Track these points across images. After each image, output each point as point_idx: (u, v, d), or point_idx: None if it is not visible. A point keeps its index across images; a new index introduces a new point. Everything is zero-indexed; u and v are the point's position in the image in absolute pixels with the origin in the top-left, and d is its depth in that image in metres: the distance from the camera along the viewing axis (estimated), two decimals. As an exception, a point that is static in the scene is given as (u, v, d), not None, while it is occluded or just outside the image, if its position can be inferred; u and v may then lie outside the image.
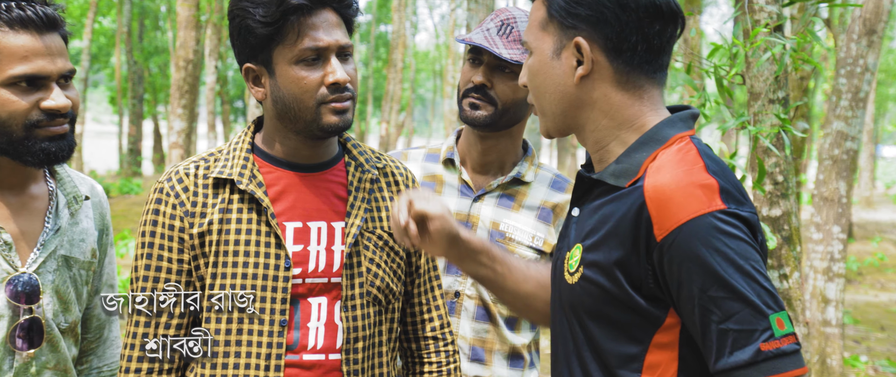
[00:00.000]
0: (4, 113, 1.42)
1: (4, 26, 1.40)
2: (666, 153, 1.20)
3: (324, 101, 1.44)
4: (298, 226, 1.50)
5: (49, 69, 1.43)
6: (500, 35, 1.83)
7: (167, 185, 1.49)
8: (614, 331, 1.19)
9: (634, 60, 1.23)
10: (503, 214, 1.92)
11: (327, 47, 1.43)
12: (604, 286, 1.18)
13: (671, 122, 1.25)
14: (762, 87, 2.73)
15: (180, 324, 1.48)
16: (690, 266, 1.11)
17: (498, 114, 1.85)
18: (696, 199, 1.12)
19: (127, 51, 20.51)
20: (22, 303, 1.49)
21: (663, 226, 1.12)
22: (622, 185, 1.21)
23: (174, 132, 9.30)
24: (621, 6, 1.21)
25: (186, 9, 9.06)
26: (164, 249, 1.48)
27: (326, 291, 1.50)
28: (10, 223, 1.50)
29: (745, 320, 1.09)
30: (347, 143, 1.61)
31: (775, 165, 2.80)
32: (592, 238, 1.21)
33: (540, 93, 1.29)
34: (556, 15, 1.24)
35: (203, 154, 1.55)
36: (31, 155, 1.46)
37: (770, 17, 2.66)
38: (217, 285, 1.46)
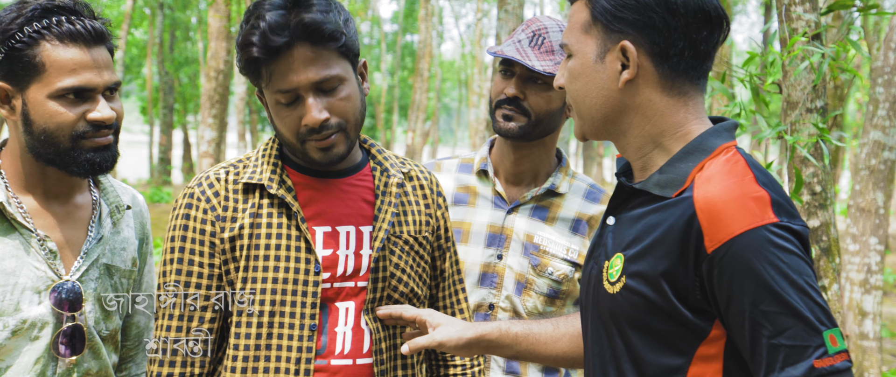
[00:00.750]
0: (53, 124, 1.45)
1: (55, 40, 1.44)
2: (714, 163, 1.18)
3: (305, 139, 1.44)
4: (328, 231, 1.51)
5: (96, 82, 1.46)
6: (532, 46, 1.82)
7: (198, 189, 1.50)
8: (657, 342, 1.17)
9: (680, 66, 1.21)
10: (537, 227, 1.90)
11: (298, 86, 1.40)
12: (648, 296, 1.17)
13: (716, 131, 1.23)
14: (800, 96, 2.69)
15: (211, 329, 1.49)
16: (742, 279, 1.09)
17: (531, 125, 1.84)
18: (749, 212, 1.10)
19: (158, 61, 20.88)
20: (65, 311, 1.51)
21: (715, 238, 1.11)
22: (668, 195, 1.19)
23: (205, 141, 9.42)
24: (670, 11, 1.18)
25: (217, 20, 9.19)
26: (195, 254, 1.48)
27: (354, 295, 1.51)
28: (56, 232, 1.53)
29: (799, 336, 1.07)
30: (372, 148, 1.62)
31: (813, 175, 2.75)
32: (635, 247, 1.19)
33: (580, 96, 1.26)
34: (601, 18, 1.21)
35: (232, 160, 1.57)
36: (76, 165, 1.48)
37: (808, 25, 2.62)
38: (248, 289, 1.47)
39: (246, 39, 1.39)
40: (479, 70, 19.73)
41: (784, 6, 2.68)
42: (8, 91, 1.47)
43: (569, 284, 1.90)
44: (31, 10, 1.43)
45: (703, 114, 1.26)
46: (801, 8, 2.65)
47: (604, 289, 1.24)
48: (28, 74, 1.44)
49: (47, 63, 1.43)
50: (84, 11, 1.49)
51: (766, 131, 2.73)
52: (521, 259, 1.89)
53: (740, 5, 24.48)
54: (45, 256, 1.50)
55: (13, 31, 1.42)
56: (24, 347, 1.47)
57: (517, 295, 1.88)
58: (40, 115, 1.45)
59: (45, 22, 1.43)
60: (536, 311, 1.88)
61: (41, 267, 1.49)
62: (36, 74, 1.44)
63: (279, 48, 1.37)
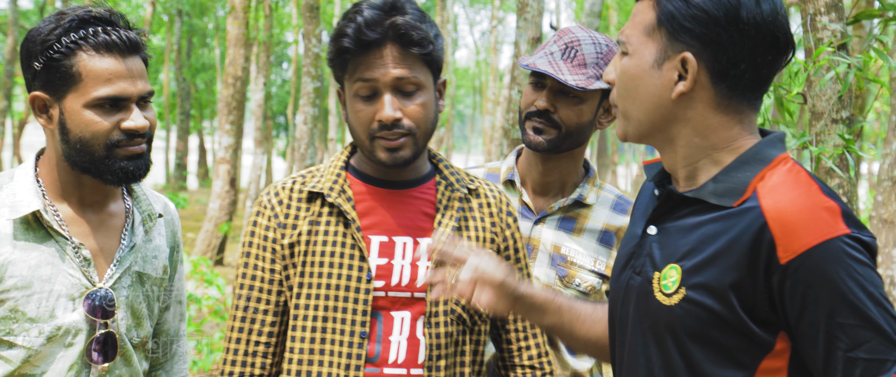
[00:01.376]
0: (88, 133, 1.47)
1: (91, 50, 1.46)
2: (775, 173, 1.16)
3: (375, 137, 1.48)
4: (384, 241, 1.53)
5: (130, 91, 1.48)
6: (565, 59, 1.81)
7: (265, 198, 1.59)
8: (719, 355, 1.14)
9: (738, 86, 1.18)
10: (564, 238, 1.89)
11: (377, 81, 1.46)
12: (712, 308, 1.13)
13: (770, 142, 1.21)
14: (825, 107, 2.67)
15: (271, 332, 1.56)
16: (818, 291, 1.07)
17: (560, 138, 1.83)
18: (824, 222, 1.08)
19: (176, 68, 21.06)
20: (98, 318, 1.52)
21: (789, 248, 1.08)
22: (728, 204, 1.16)
23: (222, 148, 9.48)
24: (740, 31, 1.15)
25: (236, 27, 9.26)
26: (259, 259, 1.56)
27: (410, 305, 1.52)
28: (90, 239, 1.55)
29: (877, 350, 1.06)
30: (440, 163, 1.64)
31: (839, 187, 2.73)
32: (695, 258, 1.16)
33: (630, 97, 1.23)
34: (667, 24, 1.17)
35: (304, 171, 1.64)
36: (111, 173, 1.50)
37: (834, 35, 2.60)
38: (303, 294, 1.52)
39: (340, 31, 1.46)
40: (493, 77, 19.72)
41: (809, 16, 2.67)
42: (46, 101, 1.49)
43: (596, 296, 1.89)
44: (68, 22, 1.46)
45: (754, 129, 1.23)
46: (826, 18, 2.64)
47: (656, 300, 1.21)
48: (65, 84, 1.46)
49: (84, 73, 1.45)
50: (120, 22, 1.51)
51: (790, 142, 2.71)
52: (548, 270, 1.88)
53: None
54: (80, 264, 1.52)
55: (51, 42, 1.45)
56: (58, 354, 1.49)
57: None
58: (76, 124, 1.47)
59: (82, 33, 1.45)
60: None
61: (76, 274, 1.51)
62: (73, 84, 1.46)
63: (370, 43, 1.44)
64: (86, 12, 1.48)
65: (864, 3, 6.33)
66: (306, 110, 7.59)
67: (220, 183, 9.38)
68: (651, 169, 1.35)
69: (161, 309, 1.73)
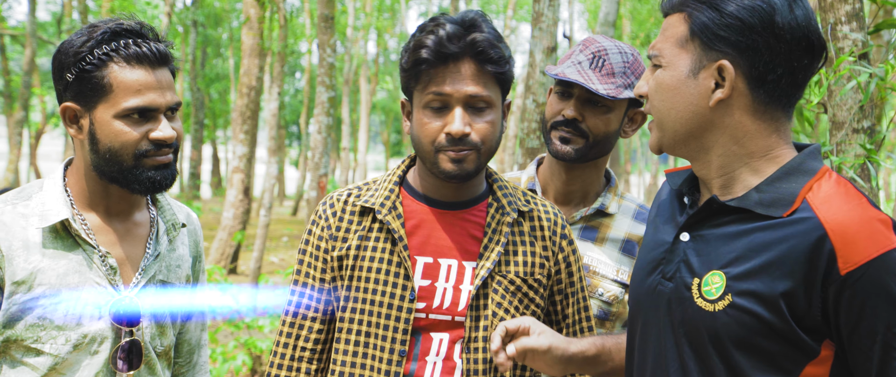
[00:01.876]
0: (117, 143, 1.49)
1: (122, 62, 1.48)
2: (825, 185, 1.18)
3: (441, 149, 1.49)
4: (429, 262, 1.54)
5: (159, 102, 1.50)
6: (593, 68, 1.80)
7: (321, 208, 1.62)
8: (762, 362, 1.16)
9: (776, 92, 1.19)
10: (587, 247, 1.89)
11: (450, 96, 1.47)
12: (761, 316, 1.15)
13: (811, 154, 1.22)
14: (846, 117, 2.66)
15: (318, 340, 1.59)
16: (877, 301, 1.10)
17: (588, 147, 1.83)
18: (882, 235, 1.11)
19: (191, 78, 21.22)
20: (124, 326, 1.53)
21: (850, 259, 1.11)
22: (776, 214, 1.17)
23: (236, 157, 9.54)
24: (775, 36, 1.16)
25: (251, 37, 9.33)
26: (311, 267, 1.60)
27: (449, 329, 1.53)
28: (117, 248, 1.56)
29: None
30: (495, 184, 1.63)
31: (860, 197, 2.71)
32: (741, 266, 1.17)
33: (666, 108, 1.24)
34: (701, 35, 1.19)
35: (360, 183, 1.65)
36: (138, 183, 1.52)
37: (855, 44, 2.59)
38: (348, 308, 1.55)
39: (420, 42, 1.48)
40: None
41: (830, 25, 2.65)
42: (77, 111, 1.51)
43: (619, 306, 1.88)
44: (100, 34, 1.48)
45: (790, 138, 1.24)
46: (847, 27, 2.63)
47: (696, 306, 1.21)
48: (96, 95, 1.48)
49: (115, 84, 1.47)
50: (149, 34, 1.53)
51: (810, 151, 2.70)
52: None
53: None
54: (106, 272, 1.53)
55: (83, 53, 1.47)
56: (83, 362, 1.50)
57: None
58: (106, 134, 1.49)
59: (113, 45, 1.48)
60: None
61: (102, 282, 1.52)
62: (103, 95, 1.48)
63: (448, 56, 1.46)
64: (117, 25, 1.50)
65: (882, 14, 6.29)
66: (321, 120, 7.63)
67: (234, 192, 9.42)
68: (676, 177, 1.36)
69: (183, 318, 1.74)
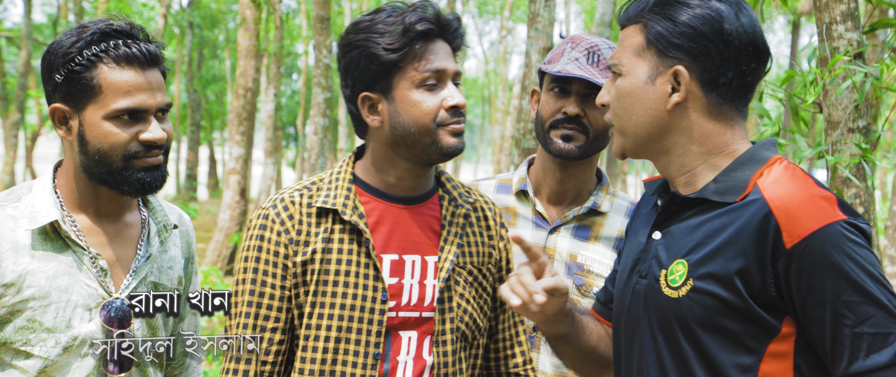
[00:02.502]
0: (107, 144, 1.48)
1: (112, 63, 1.47)
2: (774, 170, 1.25)
3: (443, 124, 1.48)
4: (394, 259, 1.52)
5: (149, 103, 1.49)
6: (591, 63, 1.81)
7: (273, 211, 1.52)
8: (728, 341, 1.21)
9: (728, 94, 1.29)
10: (580, 246, 1.88)
11: (445, 71, 1.48)
12: (720, 296, 1.21)
13: (764, 145, 1.31)
14: (841, 116, 2.65)
15: (279, 351, 1.51)
16: (823, 272, 1.15)
17: (589, 143, 1.83)
18: (823, 209, 1.17)
19: (187, 79, 21.20)
20: (115, 328, 1.52)
21: (793, 233, 1.17)
22: (731, 200, 1.25)
23: (232, 158, 9.52)
24: (725, 42, 1.25)
25: (247, 39, 9.32)
26: (268, 275, 1.50)
27: (417, 326, 1.51)
28: (107, 250, 1.55)
29: (880, 324, 1.14)
30: (441, 177, 1.63)
31: (855, 196, 2.71)
32: (701, 252, 1.24)
33: (627, 114, 1.32)
34: (657, 43, 1.28)
35: (306, 182, 1.59)
36: (127, 184, 1.51)
37: (850, 44, 2.59)
38: (315, 314, 1.49)
39: (415, 18, 1.46)
40: (502, 87, 19.74)
41: (825, 25, 2.65)
42: (66, 112, 1.50)
43: None
44: (90, 35, 1.47)
45: (746, 136, 1.32)
46: (842, 27, 2.62)
47: (663, 295, 1.28)
48: (85, 96, 1.47)
49: (104, 85, 1.46)
50: (139, 35, 1.52)
51: (806, 151, 2.70)
52: (564, 279, 1.87)
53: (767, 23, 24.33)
54: (97, 274, 1.52)
55: (73, 54, 1.46)
56: (74, 364, 1.49)
57: None
58: (95, 136, 1.48)
59: (103, 45, 1.46)
60: None
61: (93, 284, 1.51)
62: (93, 96, 1.47)
63: (436, 34, 1.48)
64: (107, 25, 1.49)
65: (878, 14, 6.30)
66: (317, 121, 7.62)
67: (231, 193, 9.41)
68: (651, 185, 1.43)
69: (176, 321, 1.73)
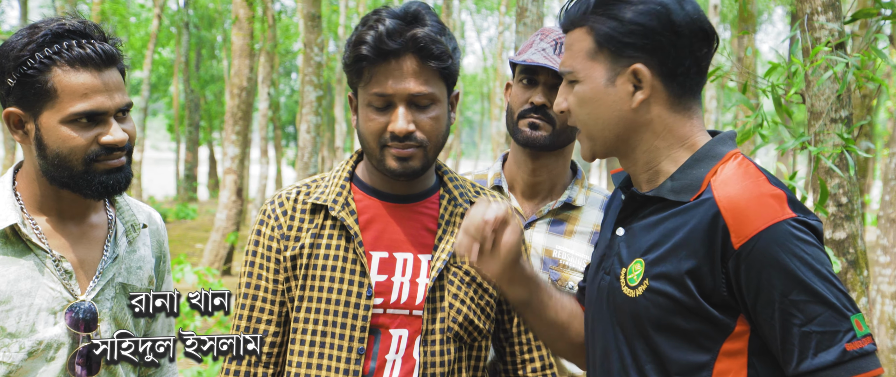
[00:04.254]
0: (65, 148, 1.45)
1: (65, 65, 1.43)
2: (727, 167, 1.24)
3: (386, 145, 1.46)
4: (384, 256, 1.52)
5: (107, 105, 1.46)
6: (557, 54, 1.81)
7: (270, 207, 1.57)
8: (681, 340, 1.21)
9: (686, 83, 1.28)
10: (556, 241, 1.88)
11: (393, 95, 1.44)
12: (673, 296, 1.20)
13: (721, 140, 1.30)
14: (823, 106, 2.64)
15: (274, 343, 1.55)
16: (770, 271, 1.14)
17: (556, 133, 1.83)
18: (771, 208, 1.16)
19: (184, 80, 21.20)
20: (81, 331, 1.51)
21: (741, 233, 1.16)
22: (685, 199, 1.24)
23: (228, 158, 9.52)
24: (675, 33, 1.24)
25: (241, 38, 9.31)
26: (263, 268, 1.55)
27: (408, 324, 1.50)
28: (71, 252, 1.54)
29: (828, 322, 1.13)
30: (445, 175, 1.61)
31: (838, 186, 2.69)
32: (657, 251, 1.23)
33: (591, 119, 1.31)
34: (608, 45, 1.26)
35: (307, 180, 1.62)
36: (90, 188, 1.49)
37: (831, 34, 2.57)
38: (303, 308, 1.51)
39: (360, 38, 1.44)
40: (500, 83, 19.72)
41: (806, 15, 2.64)
42: (21, 116, 1.47)
43: None
44: (41, 36, 1.43)
45: (703, 125, 1.33)
46: (823, 17, 2.61)
47: (622, 294, 1.27)
48: (40, 100, 1.44)
49: (59, 88, 1.43)
50: (94, 34, 1.48)
51: (789, 142, 2.68)
52: (540, 274, 1.87)
53: (766, 15, 24.26)
54: (61, 277, 1.51)
55: (25, 57, 1.42)
56: (40, 368, 1.48)
57: None
58: (53, 140, 1.45)
59: (55, 47, 1.43)
60: None
61: (56, 287, 1.50)
62: (48, 100, 1.44)
63: (389, 53, 1.42)
64: (59, 26, 1.45)
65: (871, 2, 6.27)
66: (309, 119, 7.61)
67: (227, 193, 9.41)
68: (618, 177, 1.42)
69: (148, 321, 1.72)
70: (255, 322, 1.55)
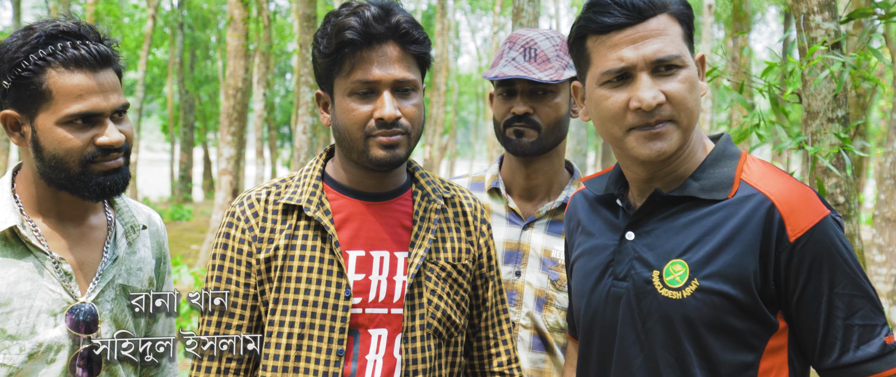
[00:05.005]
0: (61, 150, 1.45)
1: (60, 67, 1.43)
2: (753, 165, 1.26)
3: (371, 135, 1.44)
4: (361, 255, 1.50)
5: (103, 106, 1.45)
6: (528, 60, 1.82)
7: (238, 209, 1.53)
8: (732, 340, 1.21)
9: None
10: (554, 241, 1.88)
11: (378, 81, 1.43)
12: (729, 294, 1.20)
13: (728, 139, 1.31)
14: (820, 106, 2.65)
15: (241, 358, 1.50)
16: (822, 264, 1.17)
17: (543, 137, 1.84)
18: (817, 203, 1.20)
19: (179, 80, 21.13)
20: (82, 333, 1.51)
21: (797, 227, 1.18)
22: (720, 197, 1.24)
23: (224, 159, 9.49)
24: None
25: (236, 39, 9.29)
26: (233, 272, 1.51)
27: (387, 323, 1.49)
28: (71, 253, 1.53)
29: (868, 316, 1.17)
30: (416, 172, 1.61)
31: (836, 186, 2.70)
32: (700, 251, 1.22)
33: (697, 105, 1.26)
34: (691, 31, 1.28)
35: (276, 180, 1.58)
36: (87, 189, 1.48)
37: (827, 34, 2.58)
38: (278, 311, 1.47)
39: (344, 24, 1.42)
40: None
41: (802, 15, 2.65)
42: (17, 118, 1.47)
43: None
44: (35, 38, 1.42)
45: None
46: (819, 17, 2.62)
47: (661, 297, 1.25)
48: (36, 102, 1.44)
49: (54, 90, 1.43)
50: (89, 35, 1.47)
51: (786, 142, 2.69)
52: (539, 275, 1.87)
53: (759, 14, 24.32)
54: (61, 278, 1.50)
55: (19, 59, 1.42)
56: (40, 370, 1.47)
57: (538, 311, 1.86)
58: (50, 142, 1.45)
59: (50, 49, 1.42)
60: (558, 327, 1.86)
61: (56, 289, 1.49)
62: (43, 102, 1.43)
63: (373, 37, 1.42)
64: (54, 27, 1.44)
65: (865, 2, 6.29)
66: (305, 120, 7.60)
67: (223, 194, 9.38)
68: (595, 183, 1.41)
69: (148, 322, 1.72)
70: (225, 327, 1.50)
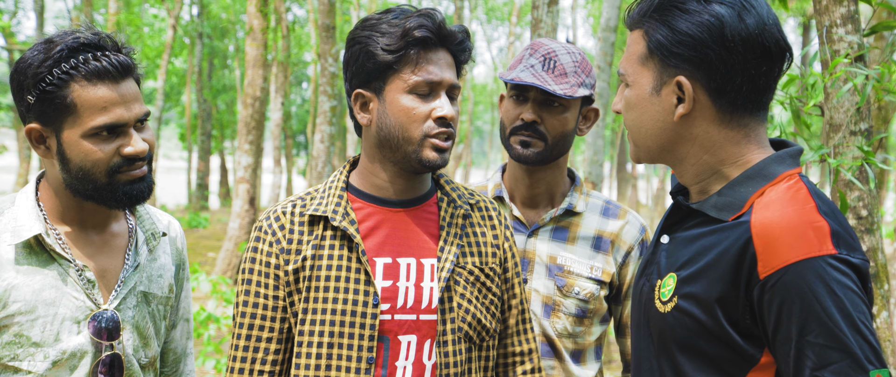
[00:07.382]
0: (88, 162, 1.46)
1: (83, 80, 1.44)
2: (775, 190, 1.17)
3: (428, 135, 1.47)
4: (388, 262, 1.51)
5: (126, 117, 1.47)
6: (546, 70, 1.82)
7: (266, 223, 1.55)
8: (706, 365, 1.16)
9: (738, 100, 1.20)
10: (559, 248, 1.90)
11: (440, 83, 1.47)
12: (699, 319, 1.16)
13: (780, 158, 1.21)
14: (843, 119, 2.62)
15: (275, 361, 1.52)
16: (791, 307, 1.08)
17: (548, 148, 1.84)
18: (807, 241, 1.08)
19: (197, 89, 21.33)
20: (104, 340, 1.52)
21: (769, 264, 1.09)
22: (725, 218, 1.19)
23: (241, 167, 9.55)
24: (727, 49, 1.16)
25: (254, 48, 9.36)
26: (261, 286, 1.53)
27: (416, 329, 1.49)
28: (94, 261, 1.55)
29: (844, 372, 1.05)
30: (440, 179, 1.62)
31: (858, 199, 2.67)
32: (690, 268, 1.19)
33: (636, 125, 1.27)
34: (657, 52, 1.21)
35: (301, 193, 1.60)
36: (114, 199, 1.50)
37: (850, 46, 2.56)
38: (308, 320, 1.49)
39: (412, 25, 1.44)
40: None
41: (825, 28, 2.62)
42: (43, 132, 1.48)
43: (595, 303, 1.89)
44: (57, 52, 1.43)
45: (763, 141, 1.24)
46: (842, 29, 2.59)
47: (655, 307, 1.24)
48: (61, 116, 1.45)
49: (79, 104, 1.44)
50: (108, 45, 1.49)
51: (808, 154, 2.67)
52: (546, 281, 1.88)
53: (777, 25, 24.12)
54: (84, 286, 1.51)
55: (43, 74, 1.43)
56: (63, 377, 1.48)
57: (546, 318, 1.86)
58: (76, 154, 1.46)
59: (72, 62, 1.43)
60: (566, 333, 1.87)
61: (80, 296, 1.51)
62: (69, 115, 1.44)
63: (442, 39, 1.47)
64: (74, 40, 1.45)
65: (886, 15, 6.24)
66: (323, 129, 7.63)
67: (240, 202, 9.44)
68: (675, 179, 1.37)
69: (168, 328, 1.73)
70: (256, 340, 1.52)
